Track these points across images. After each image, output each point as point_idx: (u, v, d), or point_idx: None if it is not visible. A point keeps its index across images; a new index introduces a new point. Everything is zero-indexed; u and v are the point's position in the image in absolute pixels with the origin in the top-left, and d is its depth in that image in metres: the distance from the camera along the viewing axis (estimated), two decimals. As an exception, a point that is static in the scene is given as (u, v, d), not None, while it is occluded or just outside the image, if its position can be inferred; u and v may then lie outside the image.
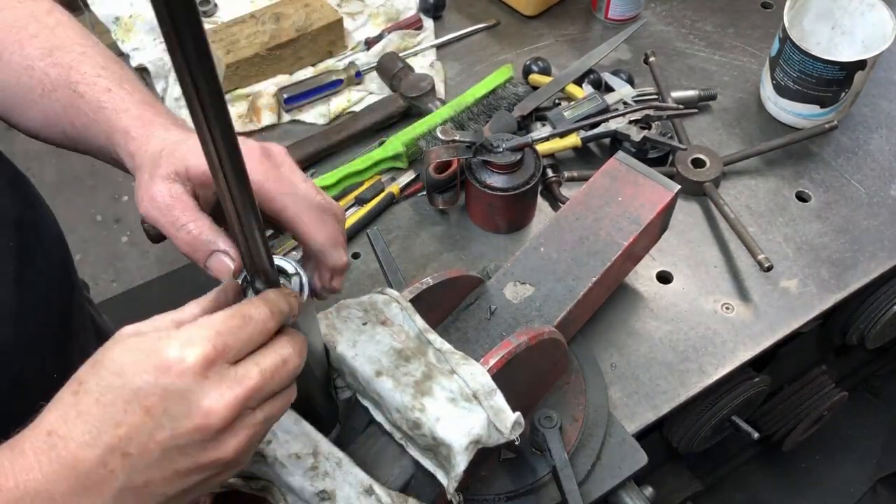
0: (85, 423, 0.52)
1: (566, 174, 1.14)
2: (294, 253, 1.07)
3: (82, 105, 0.75)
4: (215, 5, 1.37)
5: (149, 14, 1.33)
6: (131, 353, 0.53)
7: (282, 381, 0.56)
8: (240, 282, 0.63)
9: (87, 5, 1.39)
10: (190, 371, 0.52)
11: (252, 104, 1.24)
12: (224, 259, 0.62)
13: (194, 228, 0.62)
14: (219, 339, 0.53)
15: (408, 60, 1.27)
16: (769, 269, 1.02)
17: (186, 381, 0.52)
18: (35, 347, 0.80)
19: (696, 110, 1.19)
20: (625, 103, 1.18)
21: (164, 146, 0.66)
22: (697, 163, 1.15)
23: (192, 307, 0.57)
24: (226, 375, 0.53)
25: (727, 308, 1.04)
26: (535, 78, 1.26)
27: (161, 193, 0.64)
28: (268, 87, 1.26)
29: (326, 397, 0.77)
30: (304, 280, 0.64)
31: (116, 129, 0.72)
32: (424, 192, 1.12)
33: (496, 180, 1.04)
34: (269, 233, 0.63)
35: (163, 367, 0.52)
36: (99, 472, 0.52)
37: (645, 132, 1.11)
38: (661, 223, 0.98)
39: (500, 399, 0.71)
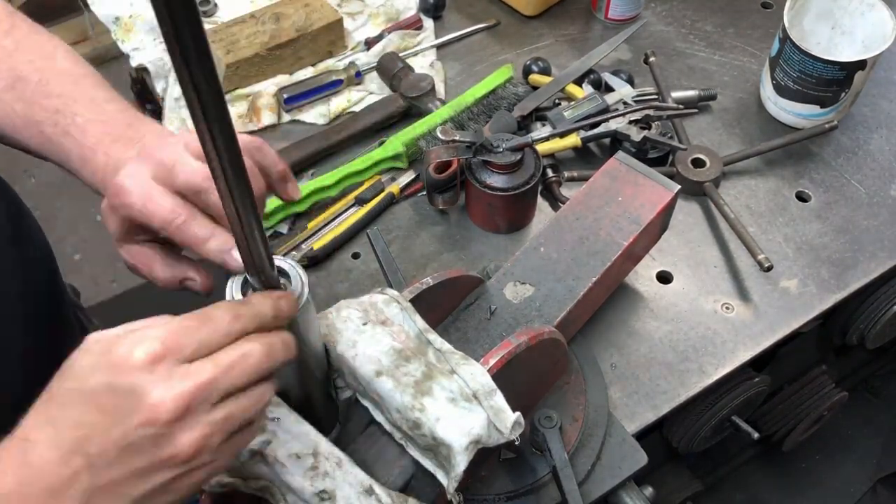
0: (51, 428, 0.53)
1: (566, 174, 1.14)
2: (294, 253, 1.07)
3: (51, 148, 0.77)
4: (215, 5, 1.37)
5: (149, 14, 1.33)
6: (89, 355, 0.54)
7: (242, 376, 0.55)
8: (240, 282, 0.63)
9: (87, 5, 1.39)
10: (137, 367, 0.52)
11: (252, 104, 1.24)
12: (192, 284, 0.73)
13: (157, 274, 0.72)
14: (170, 336, 0.54)
15: (408, 60, 1.27)
16: (769, 269, 1.02)
17: (134, 377, 0.52)
18: (20, 363, 0.80)
19: (696, 110, 1.19)
20: (625, 103, 1.18)
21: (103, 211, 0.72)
22: (697, 163, 1.15)
23: (168, 317, 0.57)
24: (175, 371, 0.53)
25: (727, 308, 1.04)
26: (535, 78, 1.26)
27: (124, 258, 0.73)
28: (268, 87, 1.26)
29: (326, 397, 0.77)
30: (304, 280, 0.64)
31: (87, 182, 0.76)
32: (424, 192, 1.12)
33: (496, 180, 1.04)
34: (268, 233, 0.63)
35: (113, 366, 0.53)
36: (64, 474, 0.53)
37: (645, 132, 1.11)
38: (661, 223, 0.98)
39: (500, 399, 0.71)
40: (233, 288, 0.63)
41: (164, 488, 0.55)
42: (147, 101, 1.39)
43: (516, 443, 0.72)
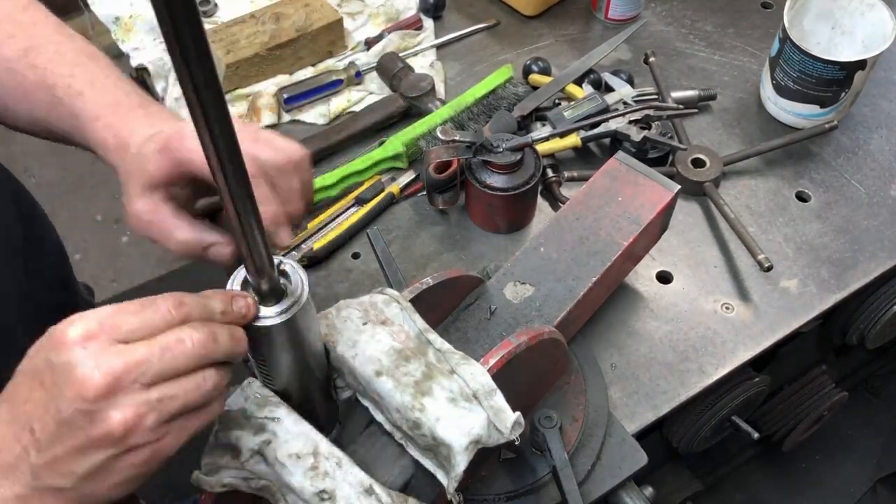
0: (6, 405, 0.56)
1: (566, 174, 1.14)
2: (294, 253, 1.07)
3: (61, 110, 0.76)
4: (215, 5, 1.37)
5: (149, 14, 1.33)
6: (41, 338, 0.56)
7: (178, 358, 0.55)
8: (240, 282, 0.63)
9: (87, 5, 1.39)
10: (70, 343, 0.53)
11: (252, 104, 1.24)
12: (218, 249, 0.68)
13: (180, 235, 0.67)
14: (108, 318, 0.54)
15: (408, 60, 1.27)
16: (769, 269, 1.02)
17: (67, 353, 0.53)
18: None
19: (696, 110, 1.19)
20: (625, 103, 1.18)
21: (138, 156, 0.69)
22: (697, 163, 1.15)
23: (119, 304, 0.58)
24: (108, 349, 0.53)
25: (727, 308, 1.04)
26: (535, 78, 1.26)
27: (140, 212, 0.68)
28: (268, 87, 1.26)
29: (326, 397, 0.77)
30: (304, 280, 0.64)
31: (94, 141, 0.74)
32: (424, 192, 1.12)
33: (496, 180, 1.04)
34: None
35: (52, 343, 0.54)
36: (16, 450, 0.55)
37: (645, 132, 1.11)
38: (661, 223, 0.98)
39: (500, 399, 0.71)
40: (233, 287, 0.63)
41: (106, 467, 0.55)
42: (147, 101, 1.39)
43: (516, 443, 0.72)
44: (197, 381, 0.57)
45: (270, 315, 0.62)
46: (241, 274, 0.63)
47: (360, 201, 1.13)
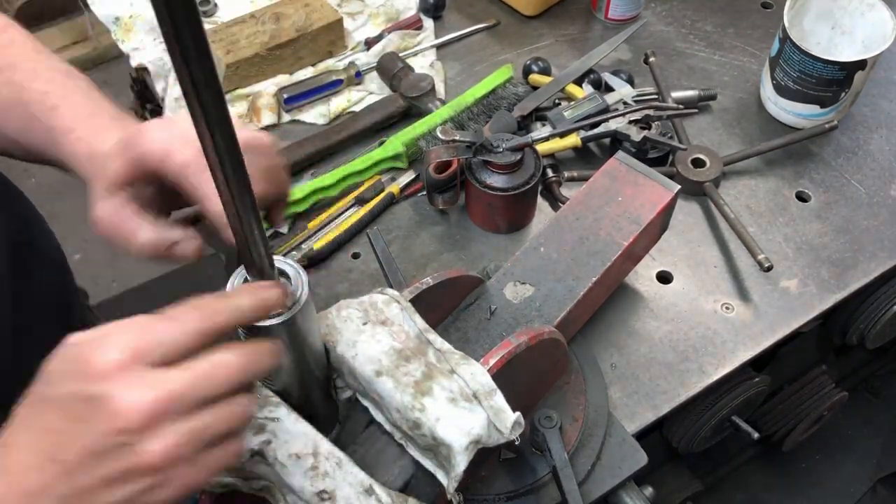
0: (26, 432, 0.53)
1: (566, 174, 1.14)
2: (294, 253, 1.07)
3: (36, 126, 0.75)
4: (215, 5, 1.37)
5: (149, 14, 1.33)
6: (62, 361, 0.53)
7: (215, 386, 0.54)
8: (241, 282, 0.63)
9: (86, 5, 1.39)
10: (105, 373, 0.51)
11: (252, 104, 1.24)
12: (184, 246, 0.67)
13: (142, 235, 0.66)
14: (140, 341, 0.52)
15: (408, 60, 1.27)
16: (769, 269, 1.02)
17: (102, 385, 0.51)
18: (32, 371, 0.80)
19: (696, 110, 1.19)
20: (625, 103, 1.18)
21: (102, 160, 0.69)
22: (697, 163, 1.15)
23: (144, 317, 0.56)
24: (144, 377, 0.52)
25: (727, 308, 1.04)
26: (535, 78, 1.26)
27: (102, 215, 0.67)
28: (268, 87, 1.26)
29: (326, 397, 0.77)
30: (304, 280, 0.64)
31: (68, 154, 0.74)
32: (424, 192, 1.12)
33: (496, 180, 1.04)
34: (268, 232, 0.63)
35: (82, 373, 0.52)
36: (40, 481, 0.52)
37: (645, 132, 1.11)
38: (661, 223, 0.98)
39: (500, 399, 0.71)
40: (233, 287, 0.63)
41: (136, 499, 0.53)
42: (147, 101, 1.39)
43: (516, 443, 0.72)
44: (233, 408, 0.56)
45: (270, 315, 0.62)
46: (241, 274, 0.63)
47: (360, 201, 1.13)
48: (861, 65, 1.12)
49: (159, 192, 0.70)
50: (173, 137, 0.66)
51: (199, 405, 0.53)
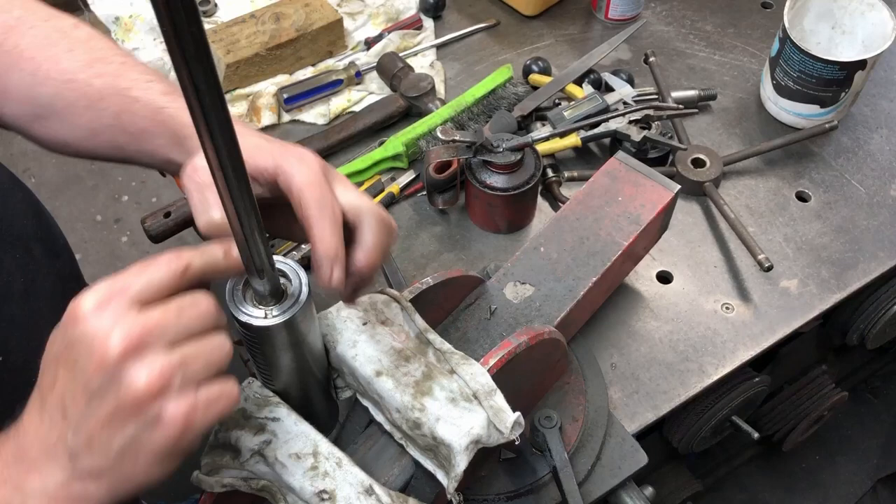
0: (37, 394, 0.57)
1: (566, 174, 1.14)
2: (294, 253, 1.07)
3: (138, 109, 0.75)
4: (215, 5, 1.37)
5: (149, 14, 1.33)
6: (62, 321, 0.55)
7: (193, 319, 0.55)
8: (241, 282, 0.63)
9: (87, 5, 1.39)
10: (84, 315, 0.53)
11: (252, 104, 1.24)
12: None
13: (218, 216, 0.64)
14: (115, 283, 0.54)
15: (408, 60, 1.27)
16: (769, 269, 1.02)
17: (84, 326, 0.53)
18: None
19: (696, 110, 1.19)
20: (625, 103, 1.18)
21: None
22: (697, 163, 1.15)
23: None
24: (123, 313, 0.53)
25: (727, 308, 1.04)
26: (535, 78, 1.26)
27: (204, 170, 0.64)
28: (268, 87, 1.26)
29: (326, 397, 0.77)
30: (304, 280, 0.64)
31: (185, 125, 0.72)
32: (424, 192, 1.12)
33: (496, 180, 1.04)
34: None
35: (68, 321, 0.54)
36: (51, 435, 0.55)
37: (645, 132, 1.11)
38: (661, 223, 0.98)
39: (500, 399, 0.71)
40: (233, 287, 0.63)
41: (140, 439, 0.54)
42: (147, 101, 1.39)
43: (516, 443, 0.72)
44: (215, 341, 0.57)
45: (271, 315, 0.62)
46: (241, 274, 0.63)
47: (360, 201, 1.13)
48: (861, 65, 1.12)
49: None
50: (299, 169, 0.65)
51: (180, 337, 0.55)
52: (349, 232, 0.68)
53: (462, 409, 0.69)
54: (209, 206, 0.65)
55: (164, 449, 0.55)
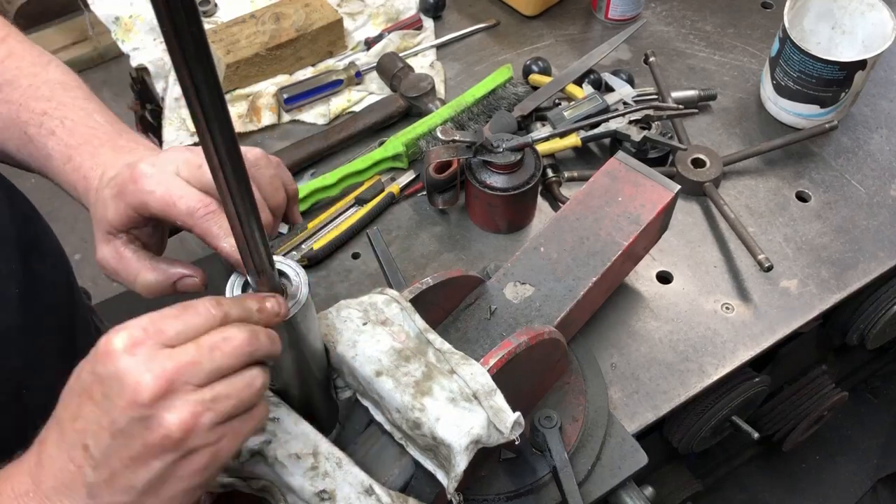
0: (56, 426, 0.56)
1: (566, 174, 1.14)
2: (294, 253, 1.07)
3: (32, 149, 0.76)
4: (215, 5, 1.37)
5: (149, 14, 1.33)
6: (87, 357, 0.55)
7: (226, 357, 0.55)
8: (241, 282, 0.63)
9: (87, 5, 1.39)
10: (117, 353, 0.53)
11: (252, 104, 1.24)
12: (186, 281, 0.69)
13: (144, 278, 0.68)
14: (150, 324, 0.54)
15: (408, 60, 1.27)
16: (769, 269, 1.02)
17: (116, 364, 0.52)
18: (42, 368, 0.80)
19: (696, 110, 1.19)
20: (625, 103, 1.18)
21: (97, 201, 0.69)
22: (697, 163, 1.15)
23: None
24: (157, 353, 0.53)
25: (727, 308, 1.04)
26: (535, 78, 1.26)
27: (104, 259, 0.69)
28: (268, 87, 1.26)
29: (326, 397, 0.77)
30: (305, 280, 0.64)
31: (66, 184, 0.74)
32: (424, 192, 1.12)
33: (496, 180, 1.04)
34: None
35: (98, 357, 0.54)
36: (70, 469, 0.54)
37: (645, 132, 1.11)
38: (661, 223, 0.98)
39: (500, 399, 0.71)
40: (233, 288, 0.63)
41: (164, 477, 0.54)
42: (147, 101, 1.39)
43: (516, 443, 0.72)
44: (246, 379, 0.57)
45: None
46: (241, 275, 0.63)
47: (360, 201, 1.13)
48: (861, 65, 1.12)
49: (157, 227, 0.71)
50: (171, 184, 0.66)
51: (212, 377, 0.55)
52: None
53: (462, 409, 0.69)
54: (134, 275, 0.69)
55: (189, 484, 0.55)
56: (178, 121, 1.23)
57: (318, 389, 0.74)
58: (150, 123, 1.40)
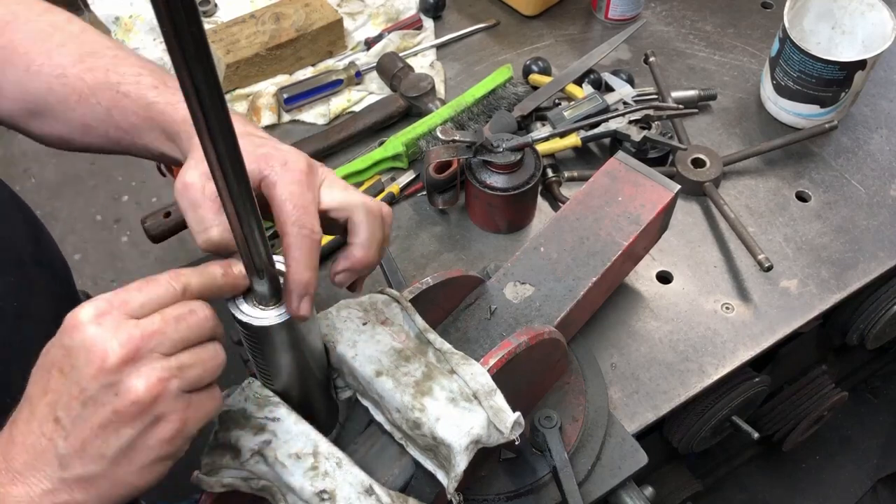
0: (27, 404, 0.57)
1: (566, 174, 1.14)
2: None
3: (128, 104, 0.74)
4: (215, 5, 1.37)
5: (149, 14, 1.33)
6: (60, 330, 0.56)
7: (190, 328, 0.56)
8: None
9: (87, 5, 1.39)
10: (84, 324, 0.54)
11: (252, 104, 1.24)
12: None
13: (216, 235, 0.65)
14: (115, 297, 0.56)
15: (408, 60, 1.27)
16: (769, 269, 1.02)
17: (83, 334, 0.54)
18: None
19: (696, 110, 1.19)
20: (625, 103, 1.18)
21: None
22: (697, 163, 1.15)
23: None
24: (123, 322, 0.54)
25: (727, 308, 1.04)
26: (535, 78, 1.26)
27: (195, 186, 0.66)
28: (268, 87, 1.26)
29: (326, 397, 0.77)
30: (304, 280, 0.63)
31: (175, 121, 0.72)
32: (424, 192, 1.12)
33: (496, 180, 1.04)
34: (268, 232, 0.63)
35: (66, 331, 0.55)
36: (41, 444, 0.55)
37: (645, 132, 1.11)
38: (661, 223, 0.98)
39: (500, 399, 0.71)
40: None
41: (134, 445, 0.55)
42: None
43: (516, 443, 0.72)
44: (210, 351, 0.58)
45: (270, 315, 0.62)
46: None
47: (360, 201, 1.13)
48: (861, 65, 1.12)
49: None
50: (282, 177, 0.65)
51: (177, 346, 0.56)
52: (342, 228, 0.70)
53: (462, 409, 0.69)
54: (206, 225, 0.65)
55: (159, 452, 0.56)
56: (178, 121, 1.23)
57: (318, 389, 0.75)
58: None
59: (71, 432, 0.54)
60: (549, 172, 1.14)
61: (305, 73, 1.30)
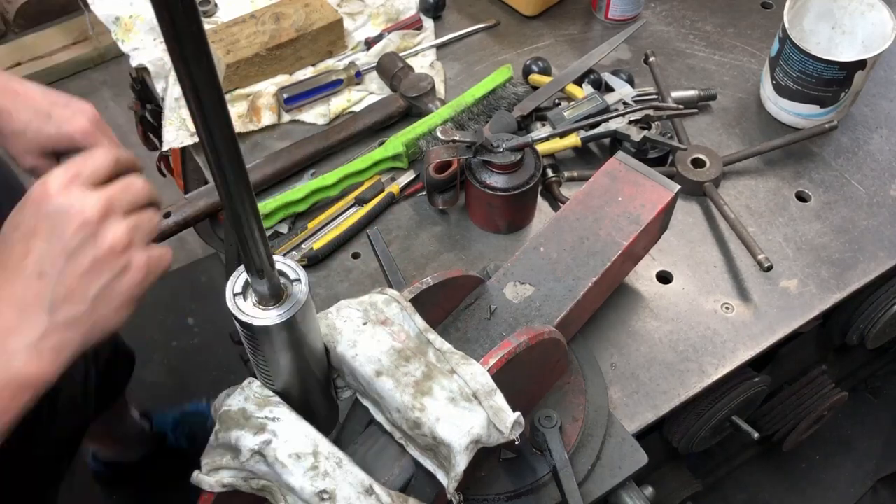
0: (4, 273, 0.67)
1: (566, 174, 1.14)
2: (294, 253, 1.07)
3: None
4: (215, 5, 1.37)
5: (149, 14, 1.33)
6: (17, 209, 0.68)
7: (137, 193, 0.71)
8: (242, 281, 0.63)
9: (87, 5, 1.39)
10: (56, 194, 0.66)
11: (252, 104, 1.24)
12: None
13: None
14: (67, 170, 0.68)
15: (408, 60, 1.27)
16: (769, 269, 1.02)
17: (58, 200, 0.66)
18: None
19: (696, 110, 1.19)
20: (625, 103, 1.18)
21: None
22: (697, 163, 1.15)
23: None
24: (87, 190, 0.67)
25: (727, 308, 1.04)
26: (535, 78, 1.26)
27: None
28: (268, 87, 1.26)
29: (326, 397, 0.77)
30: (304, 280, 0.64)
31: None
32: (424, 192, 1.12)
33: (496, 180, 1.05)
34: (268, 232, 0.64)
35: (37, 201, 0.67)
36: (30, 296, 0.65)
37: (645, 132, 1.11)
38: (661, 223, 0.98)
39: (500, 399, 0.71)
40: (233, 287, 0.63)
41: (112, 286, 0.67)
42: (147, 101, 1.39)
43: (516, 443, 0.72)
44: (150, 213, 0.72)
45: (270, 315, 0.62)
46: (241, 275, 0.63)
47: (360, 201, 1.13)
48: (861, 65, 1.12)
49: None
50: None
51: (132, 207, 0.70)
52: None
53: (462, 409, 0.69)
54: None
55: (131, 293, 0.68)
56: (178, 121, 1.23)
57: (318, 389, 0.75)
58: (150, 123, 1.40)
59: (58, 282, 0.65)
60: (549, 172, 1.14)
61: (305, 73, 1.30)
